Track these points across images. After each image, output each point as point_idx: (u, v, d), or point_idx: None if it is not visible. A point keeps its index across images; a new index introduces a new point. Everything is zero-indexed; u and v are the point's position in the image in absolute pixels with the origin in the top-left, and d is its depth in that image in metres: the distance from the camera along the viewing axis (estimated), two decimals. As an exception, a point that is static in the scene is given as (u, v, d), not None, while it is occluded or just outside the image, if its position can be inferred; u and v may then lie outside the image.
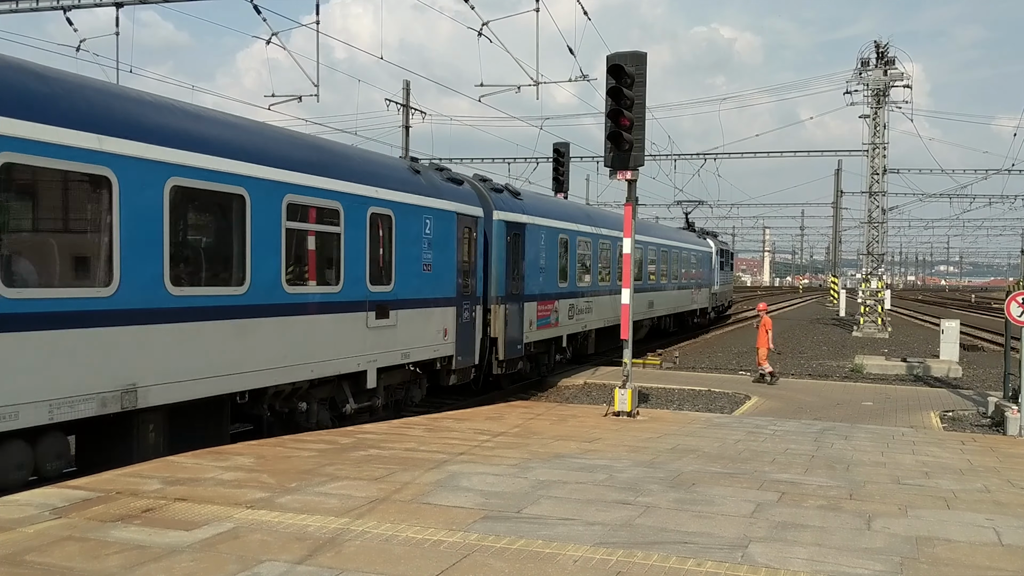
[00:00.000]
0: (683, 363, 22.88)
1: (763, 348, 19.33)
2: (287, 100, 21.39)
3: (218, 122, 9.73)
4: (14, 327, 6.94)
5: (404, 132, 33.32)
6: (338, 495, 6.98)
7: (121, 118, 8.10)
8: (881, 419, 14.25)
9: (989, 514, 7.17)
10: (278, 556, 5.41)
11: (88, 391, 7.58)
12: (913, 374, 21.64)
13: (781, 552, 5.84)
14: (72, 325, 7.44)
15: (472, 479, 7.75)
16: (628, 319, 12.81)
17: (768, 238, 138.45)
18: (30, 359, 7.08)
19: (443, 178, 14.49)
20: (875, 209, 36.28)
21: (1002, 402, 13.93)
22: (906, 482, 8.42)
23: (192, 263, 9.07)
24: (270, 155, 10.02)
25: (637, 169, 12.42)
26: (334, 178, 11.05)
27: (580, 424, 11.73)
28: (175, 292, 8.48)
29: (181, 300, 8.57)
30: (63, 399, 7.34)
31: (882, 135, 35.34)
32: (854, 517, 6.87)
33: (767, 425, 12.31)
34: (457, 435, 10.37)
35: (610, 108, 12.18)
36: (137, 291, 8.06)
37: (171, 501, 6.59)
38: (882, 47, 35.05)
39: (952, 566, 5.69)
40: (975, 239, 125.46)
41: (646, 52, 12.26)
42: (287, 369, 10.11)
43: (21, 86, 7.30)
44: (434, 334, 13.57)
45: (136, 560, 5.25)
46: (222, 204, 9.35)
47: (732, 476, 8.36)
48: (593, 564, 5.45)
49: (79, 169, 7.58)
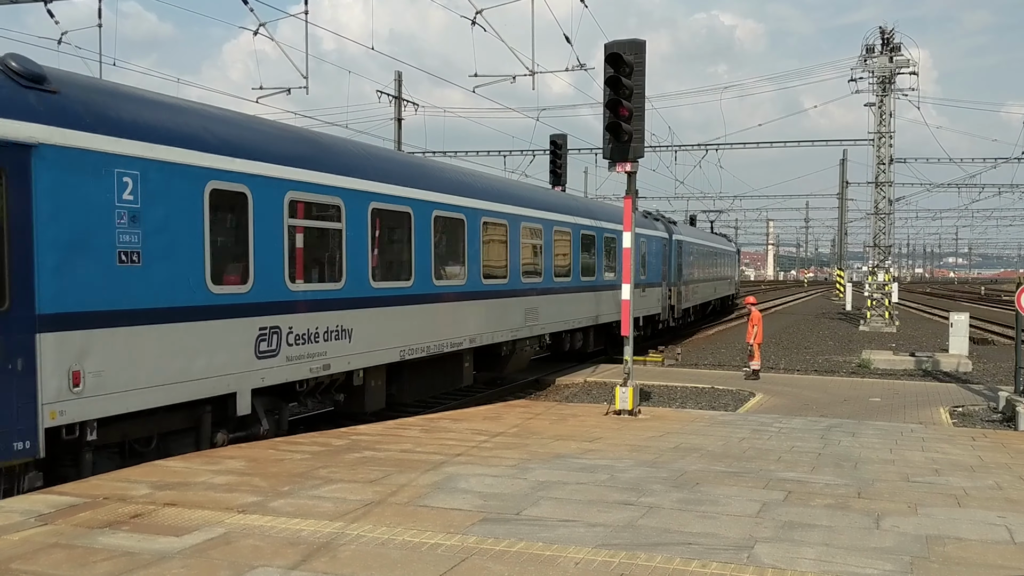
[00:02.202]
0: (685, 360, 22.73)
1: (754, 344, 19.13)
2: (275, 93, 21.29)
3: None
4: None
5: (396, 125, 33.18)
6: (332, 498, 6.86)
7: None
8: (889, 415, 14.09)
9: (1001, 512, 7.02)
10: (271, 562, 5.30)
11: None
12: (922, 369, 21.45)
13: (788, 552, 5.71)
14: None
15: (470, 481, 7.62)
16: (628, 315, 12.66)
17: (772, 231, 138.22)
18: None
19: (653, 218, 27.63)
20: (881, 200, 36.03)
21: (1013, 397, 13.77)
22: (916, 480, 8.26)
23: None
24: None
25: (637, 161, 12.27)
26: (593, 219, 20.56)
27: (580, 423, 11.59)
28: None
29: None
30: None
31: (888, 124, 35.05)
32: (863, 516, 6.73)
33: (772, 422, 12.16)
34: (454, 436, 10.25)
35: (608, 98, 12.01)
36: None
37: (160, 506, 6.47)
38: (888, 33, 34.69)
39: (964, 565, 5.56)
40: (984, 230, 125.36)
41: (645, 40, 12.10)
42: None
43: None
44: (654, 302, 25.91)
45: (125, 567, 5.14)
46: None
47: (737, 475, 8.21)
48: (595, 567, 5.33)
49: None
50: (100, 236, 7.72)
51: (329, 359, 10.77)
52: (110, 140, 7.84)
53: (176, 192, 8.47)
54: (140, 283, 8.07)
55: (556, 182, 23.81)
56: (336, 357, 10.90)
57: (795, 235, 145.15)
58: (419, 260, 12.84)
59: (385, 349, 12.02)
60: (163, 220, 8.31)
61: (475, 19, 18.24)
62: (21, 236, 7.11)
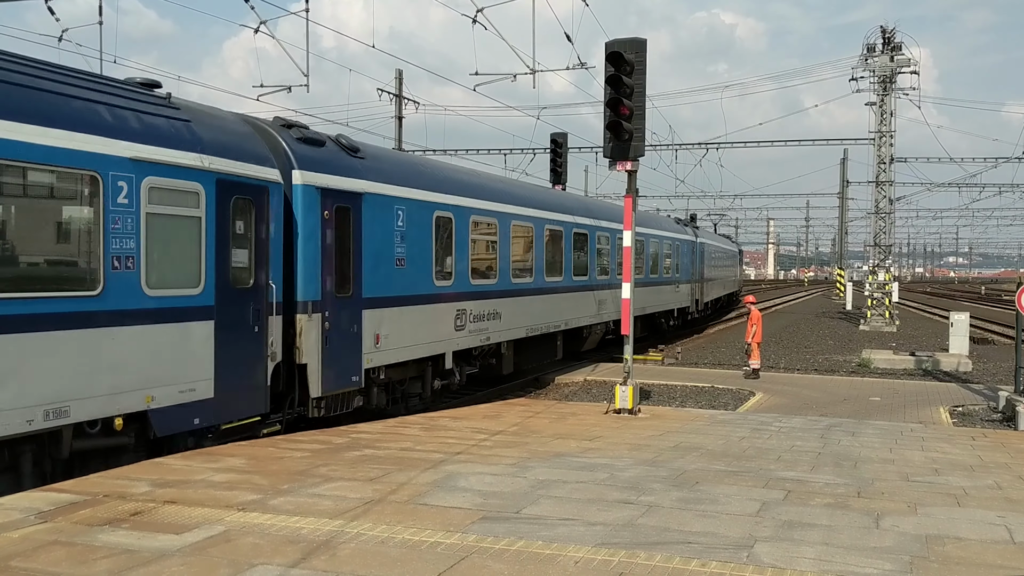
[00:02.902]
0: (685, 359, 22.71)
1: (753, 343, 19.11)
2: (276, 91, 21.33)
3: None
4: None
5: (397, 123, 33.15)
6: (332, 496, 6.85)
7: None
8: (889, 415, 14.07)
9: (1001, 511, 7.02)
10: (271, 559, 5.30)
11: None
12: (922, 368, 21.44)
13: (788, 552, 5.71)
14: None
15: (470, 479, 7.62)
16: (629, 314, 12.65)
17: (772, 230, 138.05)
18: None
19: (683, 224, 31.77)
20: (882, 199, 35.98)
21: (1013, 396, 13.76)
22: (915, 479, 8.26)
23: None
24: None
25: (637, 159, 12.26)
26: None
27: (580, 422, 11.59)
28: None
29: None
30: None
31: (889, 123, 34.98)
32: (862, 515, 6.72)
33: (772, 422, 12.16)
34: (454, 434, 10.24)
35: (609, 97, 12.00)
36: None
37: (160, 504, 6.47)
38: (888, 32, 34.58)
39: (963, 565, 5.56)
40: (985, 229, 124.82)
41: (646, 39, 12.10)
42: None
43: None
44: (686, 297, 30.86)
45: (124, 565, 5.14)
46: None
47: (736, 474, 8.21)
48: (595, 565, 5.33)
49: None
50: (388, 249, 12.11)
51: (489, 333, 15.32)
52: (392, 188, 12.30)
53: (419, 219, 12.98)
54: (404, 279, 12.49)
55: (556, 180, 23.77)
56: (493, 332, 15.45)
57: (795, 234, 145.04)
58: (536, 262, 17.39)
59: (518, 327, 16.50)
60: (414, 237, 12.78)
61: (476, 17, 18.21)
62: (356, 251, 11.34)
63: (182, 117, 8.95)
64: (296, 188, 10.37)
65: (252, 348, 9.54)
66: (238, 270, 9.34)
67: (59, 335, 7.30)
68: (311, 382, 10.33)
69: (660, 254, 27.03)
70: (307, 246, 10.42)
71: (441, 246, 13.64)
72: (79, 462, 7.77)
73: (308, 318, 10.33)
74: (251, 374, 9.53)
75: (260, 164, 9.75)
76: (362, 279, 11.39)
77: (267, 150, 10.04)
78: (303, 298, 10.32)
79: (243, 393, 9.39)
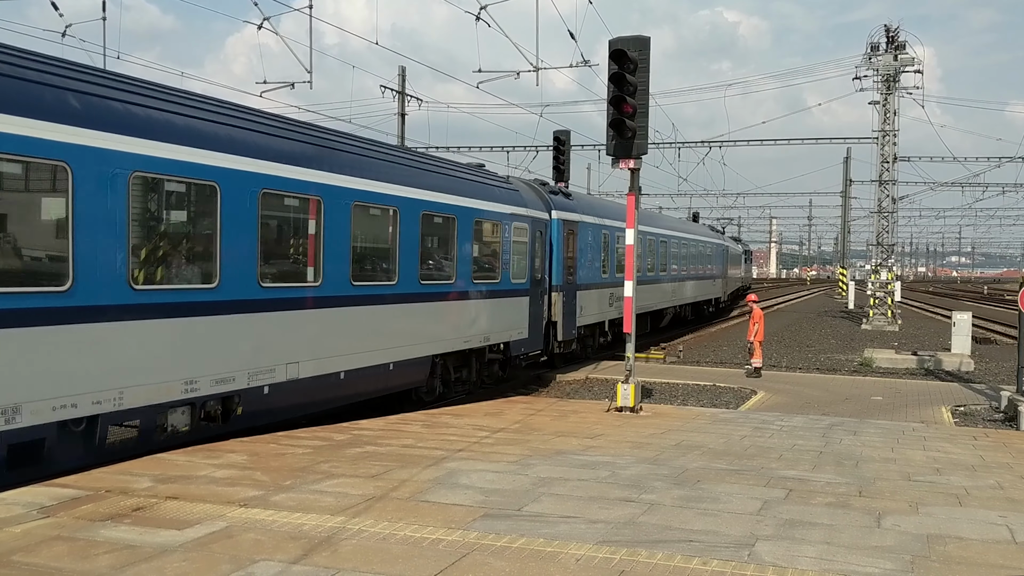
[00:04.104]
0: (687, 357, 22.71)
1: (755, 341, 19.10)
2: (279, 87, 21.30)
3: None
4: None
5: (400, 120, 33.07)
6: (334, 493, 6.86)
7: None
8: (891, 414, 14.06)
9: (1002, 511, 7.01)
10: (272, 556, 5.30)
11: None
12: (924, 368, 21.41)
13: (789, 551, 5.71)
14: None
15: (471, 476, 7.62)
16: (631, 312, 12.65)
17: (775, 228, 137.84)
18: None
19: (714, 230, 42.10)
20: (885, 198, 35.91)
21: (1015, 396, 13.74)
22: (917, 479, 8.25)
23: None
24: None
25: (640, 157, 12.24)
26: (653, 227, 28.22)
27: (582, 420, 11.59)
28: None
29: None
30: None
31: (892, 122, 34.90)
32: (863, 515, 6.72)
33: (774, 420, 12.15)
34: (455, 431, 10.24)
35: (612, 95, 11.98)
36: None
37: (162, 500, 6.47)
38: (892, 31, 34.47)
39: (964, 564, 5.55)
40: (987, 229, 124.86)
41: (649, 37, 12.07)
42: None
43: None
44: (718, 290, 40.26)
45: (126, 560, 5.15)
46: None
47: (738, 473, 8.21)
48: (596, 563, 5.33)
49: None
50: (585, 255, 19.88)
51: (603, 313, 21.67)
52: (589, 218, 20.30)
53: (590, 234, 20.31)
54: (590, 273, 20.07)
55: (559, 178, 23.75)
56: (600, 313, 21.42)
57: (798, 233, 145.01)
58: (656, 261, 26.39)
59: (647, 304, 24.74)
60: (595, 247, 20.58)
61: (479, 14, 18.20)
62: (549, 255, 17.83)
63: (515, 188, 16.71)
64: (553, 221, 18.20)
65: (541, 312, 17.40)
66: (536, 268, 17.00)
67: (496, 301, 15.33)
68: (559, 332, 18.15)
69: (713, 256, 37.98)
70: (557, 254, 18.24)
71: (605, 253, 21.59)
72: (491, 368, 15.85)
73: (558, 295, 18.14)
74: (539, 327, 17.20)
75: (542, 211, 17.67)
76: (577, 273, 19.33)
77: (543, 202, 17.91)
78: (555, 283, 18.15)
79: (537, 336, 17.04)
